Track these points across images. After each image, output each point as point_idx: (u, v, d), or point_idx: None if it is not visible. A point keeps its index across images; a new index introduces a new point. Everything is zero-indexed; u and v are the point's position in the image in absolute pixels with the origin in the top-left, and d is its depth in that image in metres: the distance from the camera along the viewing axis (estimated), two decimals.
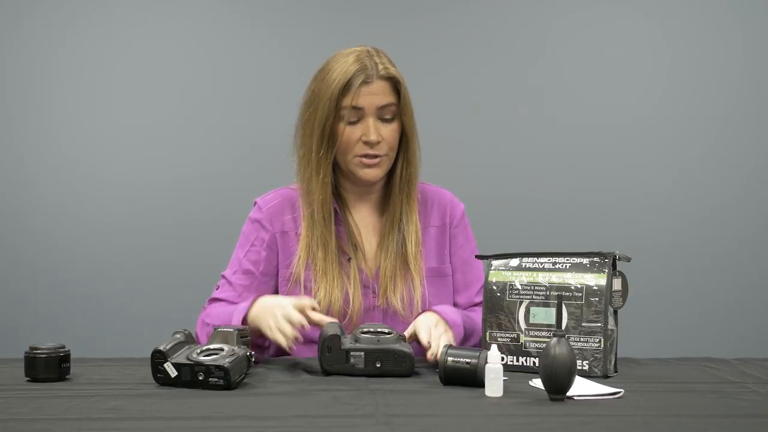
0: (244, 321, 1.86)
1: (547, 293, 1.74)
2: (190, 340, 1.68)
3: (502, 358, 1.72)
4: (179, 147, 3.25)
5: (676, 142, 3.27)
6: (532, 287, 1.76)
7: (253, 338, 1.84)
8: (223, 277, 2.05)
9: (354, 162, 1.97)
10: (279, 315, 1.80)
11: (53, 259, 3.22)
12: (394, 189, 2.02)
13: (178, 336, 1.66)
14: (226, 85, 3.26)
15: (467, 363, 1.61)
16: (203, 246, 3.21)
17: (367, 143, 1.94)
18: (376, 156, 1.96)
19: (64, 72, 3.24)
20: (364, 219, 2.05)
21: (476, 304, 2.05)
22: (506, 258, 1.82)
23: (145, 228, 3.23)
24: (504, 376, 1.54)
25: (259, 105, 3.24)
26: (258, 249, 2.03)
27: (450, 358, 1.62)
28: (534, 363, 1.73)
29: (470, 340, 1.94)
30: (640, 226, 3.25)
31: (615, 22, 3.29)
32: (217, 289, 2.05)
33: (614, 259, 1.75)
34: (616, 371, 1.75)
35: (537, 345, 1.74)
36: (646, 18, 3.28)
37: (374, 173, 1.98)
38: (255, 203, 2.08)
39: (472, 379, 1.59)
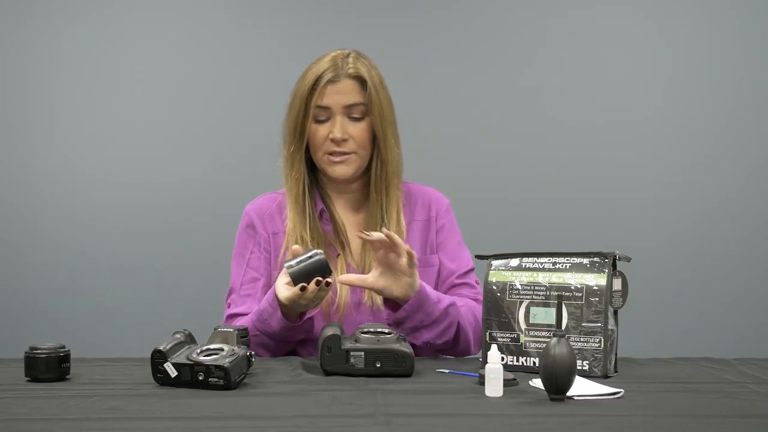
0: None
1: (547, 293, 1.74)
2: (190, 340, 1.68)
3: (502, 358, 1.73)
4: (179, 147, 3.25)
5: (676, 142, 3.27)
6: (532, 287, 1.76)
7: (292, 320, 1.88)
8: (231, 292, 2.07)
9: (323, 160, 2.02)
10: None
11: (53, 259, 3.22)
12: (371, 188, 2.06)
13: (178, 336, 1.66)
14: (226, 85, 3.26)
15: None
16: (203, 246, 3.21)
17: (333, 141, 1.99)
18: (343, 153, 2.00)
19: (64, 72, 3.24)
20: (346, 216, 2.09)
21: (456, 285, 2.08)
22: (506, 258, 1.82)
23: (145, 228, 3.23)
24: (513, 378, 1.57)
25: (260, 105, 3.24)
26: (257, 254, 2.06)
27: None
28: (534, 363, 1.73)
29: (441, 319, 1.94)
30: (640, 226, 3.25)
31: (615, 22, 3.29)
32: (228, 306, 2.06)
33: (614, 259, 1.75)
34: (616, 371, 1.75)
35: (537, 345, 1.74)
36: (646, 18, 3.28)
37: (342, 170, 2.01)
38: (245, 211, 2.11)
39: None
